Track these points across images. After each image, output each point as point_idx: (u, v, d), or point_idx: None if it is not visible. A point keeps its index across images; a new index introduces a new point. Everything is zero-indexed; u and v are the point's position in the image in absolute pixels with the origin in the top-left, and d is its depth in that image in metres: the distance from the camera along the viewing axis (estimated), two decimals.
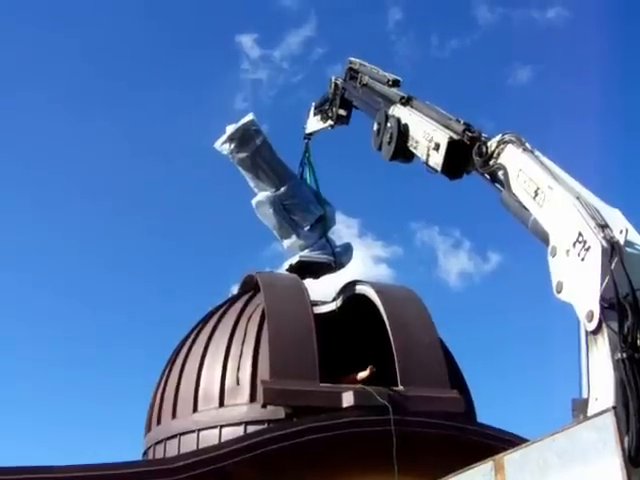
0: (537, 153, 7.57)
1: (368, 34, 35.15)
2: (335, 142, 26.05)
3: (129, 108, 37.33)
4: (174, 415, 12.34)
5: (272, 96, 38.04)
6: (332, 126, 13.63)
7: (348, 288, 13.46)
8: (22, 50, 34.53)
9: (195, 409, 11.95)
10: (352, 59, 12.31)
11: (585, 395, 6.01)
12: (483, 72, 37.33)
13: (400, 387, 11.30)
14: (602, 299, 5.82)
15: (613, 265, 5.86)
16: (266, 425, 10.97)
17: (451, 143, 8.51)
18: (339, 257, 14.53)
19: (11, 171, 34.20)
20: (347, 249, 14.97)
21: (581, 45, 29.49)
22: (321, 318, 12.63)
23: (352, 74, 12.24)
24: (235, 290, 14.63)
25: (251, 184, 14.49)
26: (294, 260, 14.22)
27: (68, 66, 35.40)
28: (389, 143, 9.81)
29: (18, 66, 34.01)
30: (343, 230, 26.23)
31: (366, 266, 29.81)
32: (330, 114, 13.42)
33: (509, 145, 7.79)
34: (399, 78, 10.93)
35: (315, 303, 13.09)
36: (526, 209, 7.33)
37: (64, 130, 34.67)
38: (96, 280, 34.24)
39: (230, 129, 14.05)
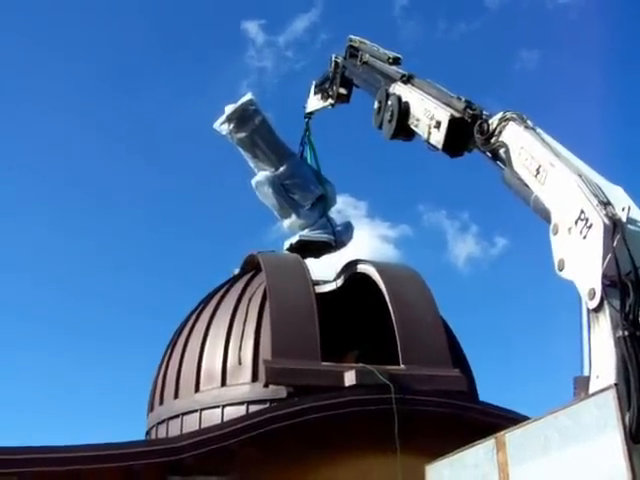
0: (539, 130, 7.51)
1: (374, 19, 35.00)
2: (343, 124, 26.09)
3: (134, 95, 37.39)
4: (176, 395, 12.39)
5: (277, 83, 38.00)
6: (333, 105, 13.53)
7: (349, 267, 13.45)
8: (23, 40, 34.54)
9: (197, 389, 11.99)
10: (352, 37, 12.18)
11: (587, 373, 6.01)
12: (490, 56, 37.23)
13: (402, 366, 11.32)
14: (604, 277, 5.80)
15: (615, 242, 5.83)
16: (268, 404, 11.00)
17: (452, 121, 8.43)
18: (340, 236, 14.49)
19: (9, 167, 34.29)
20: (348, 228, 14.94)
21: (589, 30, 29.30)
22: (322, 297, 12.63)
23: (352, 52, 12.11)
24: (237, 271, 14.62)
25: (251, 164, 14.43)
26: (294, 239, 14.20)
27: (72, 55, 35.49)
28: (390, 121, 9.74)
29: (22, 52, 34.02)
30: (350, 211, 26.36)
31: (373, 248, 29.97)
32: (331, 93, 13.31)
33: (511, 123, 7.72)
34: (399, 56, 10.82)
35: (316, 282, 13.09)
36: (528, 187, 7.27)
37: (69, 118, 34.73)
38: (101, 268, 34.43)
39: (229, 109, 13.97)
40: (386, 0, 37.91)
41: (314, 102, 14.23)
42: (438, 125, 8.64)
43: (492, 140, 7.92)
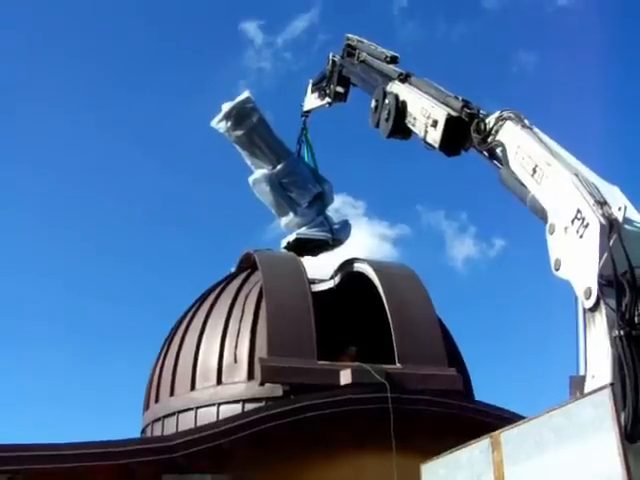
0: (536, 130, 7.51)
1: (373, 20, 34.99)
2: (340, 123, 26.12)
3: (133, 94, 37.46)
4: (172, 393, 12.37)
5: (275, 84, 37.99)
6: (330, 104, 13.49)
7: (346, 266, 13.43)
8: (23, 40, 34.55)
9: (193, 387, 11.98)
10: (349, 35, 12.15)
11: (582, 372, 6.01)
12: (489, 57, 37.35)
13: (398, 365, 11.31)
14: (600, 276, 5.81)
15: (611, 242, 5.83)
16: (264, 403, 10.99)
17: (449, 120, 8.43)
18: (337, 234, 14.48)
19: (10, 163, 34.32)
20: (345, 226, 14.92)
21: (587, 32, 29.34)
22: (319, 296, 12.61)
23: (349, 51, 12.09)
24: (233, 269, 14.59)
25: (248, 162, 14.40)
26: (291, 238, 14.19)
27: (72, 54, 35.53)
28: (387, 120, 9.73)
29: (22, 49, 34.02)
30: (348, 210, 26.36)
31: (371, 247, 30.05)
32: (328, 91, 13.25)
33: (508, 122, 7.73)
34: (397, 55, 10.80)
35: (313, 281, 13.08)
36: (525, 186, 7.28)
37: (69, 116, 34.79)
38: (97, 265, 34.41)
39: (226, 107, 13.94)
40: (385, 1, 37.99)
41: (311, 101, 14.20)
42: (435, 124, 8.63)
43: (489, 139, 7.92)
